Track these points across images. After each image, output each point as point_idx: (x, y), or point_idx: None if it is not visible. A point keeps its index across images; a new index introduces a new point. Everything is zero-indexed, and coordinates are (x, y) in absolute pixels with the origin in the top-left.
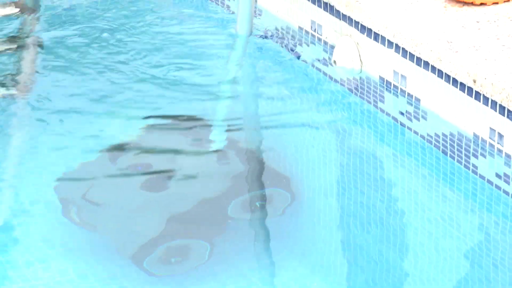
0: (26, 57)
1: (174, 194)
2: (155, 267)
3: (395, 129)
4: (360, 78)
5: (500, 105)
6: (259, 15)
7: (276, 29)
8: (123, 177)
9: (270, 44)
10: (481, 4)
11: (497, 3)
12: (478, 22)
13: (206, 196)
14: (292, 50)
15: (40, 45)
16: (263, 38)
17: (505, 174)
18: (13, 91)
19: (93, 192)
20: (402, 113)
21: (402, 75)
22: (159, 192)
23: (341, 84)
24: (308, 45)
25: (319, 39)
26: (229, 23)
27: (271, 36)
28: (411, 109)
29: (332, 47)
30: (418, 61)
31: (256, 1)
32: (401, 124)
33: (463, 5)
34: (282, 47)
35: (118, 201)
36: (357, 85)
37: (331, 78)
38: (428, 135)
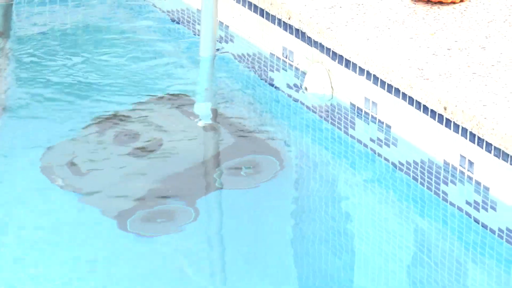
0: None
1: (160, 162)
2: (140, 228)
3: (365, 156)
4: (331, 104)
5: (471, 133)
6: (231, 40)
7: (248, 54)
8: (110, 146)
9: (241, 69)
10: (452, 2)
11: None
12: (449, 49)
13: (192, 165)
14: (263, 75)
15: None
16: (235, 62)
17: (475, 202)
18: None
19: (80, 160)
20: (373, 140)
21: (373, 102)
22: (146, 160)
23: (312, 110)
24: (279, 71)
25: (291, 66)
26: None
27: (242, 60)
28: (382, 136)
29: (304, 73)
30: (389, 88)
31: (217, 24)
32: (372, 150)
33: (433, 5)
34: (253, 72)
35: (105, 168)
36: (328, 112)
37: (302, 104)
38: (399, 162)
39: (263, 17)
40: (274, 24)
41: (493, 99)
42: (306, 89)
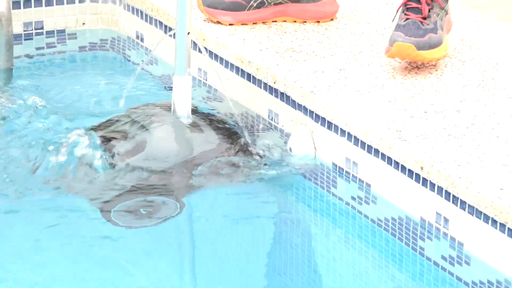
0: None
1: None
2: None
3: (346, 213)
4: (314, 164)
5: (446, 191)
6: (219, 101)
7: (236, 115)
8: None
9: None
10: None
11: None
12: (425, 112)
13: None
14: (251, 136)
15: None
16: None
17: (450, 256)
18: None
19: None
20: (353, 198)
21: (353, 162)
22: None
23: (295, 169)
24: (265, 132)
25: (276, 127)
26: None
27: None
28: (362, 194)
29: (288, 135)
30: (369, 148)
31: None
32: (352, 208)
33: (410, 70)
34: (240, 132)
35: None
36: (311, 171)
37: (287, 164)
38: (378, 219)
39: (250, 81)
40: (261, 88)
41: (467, 160)
42: (290, 149)
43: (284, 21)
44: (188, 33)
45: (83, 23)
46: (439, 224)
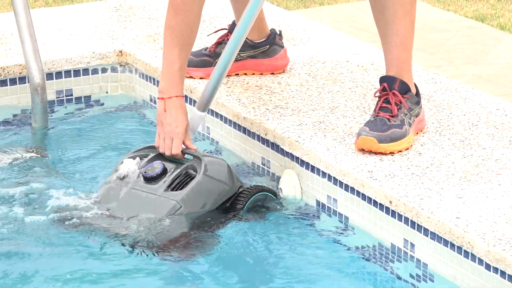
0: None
1: None
2: None
3: (328, 242)
4: (301, 201)
5: (411, 221)
6: (220, 152)
7: (233, 164)
8: None
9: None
10: (390, 153)
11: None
12: (392, 155)
13: None
14: (247, 181)
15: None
16: None
17: (417, 275)
18: None
19: None
20: (334, 228)
21: (334, 199)
22: None
23: (284, 207)
24: (259, 176)
25: (268, 172)
26: None
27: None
28: (341, 225)
29: (278, 177)
30: (346, 187)
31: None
32: (333, 237)
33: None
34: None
35: None
36: (299, 207)
37: (278, 202)
38: (355, 246)
39: (245, 134)
40: (254, 139)
41: (428, 194)
42: (281, 189)
43: (244, 73)
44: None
45: (106, 92)
46: (406, 248)
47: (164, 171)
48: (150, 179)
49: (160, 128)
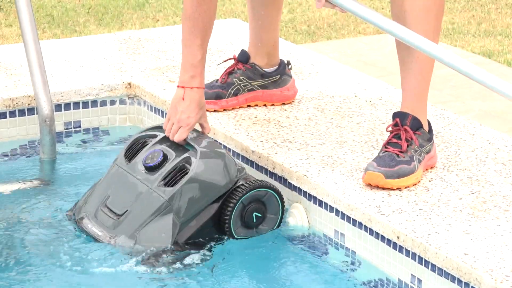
0: None
1: None
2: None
3: (334, 276)
4: (309, 235)
5: (419, 256)
6: None
7: None
8: None
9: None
10: (397, 188)
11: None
12: (400, 190)
13: None
14: None
15: None
16: None
17: None
18: None
19: None
20: (342, 263)
21: (341, 233)
22: None
23: (293, 240)
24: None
25: None
26: None
27: None
28: (348, 259)
29: (286, 211)
30: (354, 222)
31: None
32: (340, 271)
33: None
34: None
35: None
36: (306, 241)
37: (283, 236)
38: (362, 281)
39: (253, 167)
40: (262, 173)
41: (436, 230)
42: (288, 223)
43: (256, 105)
44: None
45: (115, 124)
46: (413, 284)
47: (165, 158)
48: (149, 169)
49: (172, 112)
